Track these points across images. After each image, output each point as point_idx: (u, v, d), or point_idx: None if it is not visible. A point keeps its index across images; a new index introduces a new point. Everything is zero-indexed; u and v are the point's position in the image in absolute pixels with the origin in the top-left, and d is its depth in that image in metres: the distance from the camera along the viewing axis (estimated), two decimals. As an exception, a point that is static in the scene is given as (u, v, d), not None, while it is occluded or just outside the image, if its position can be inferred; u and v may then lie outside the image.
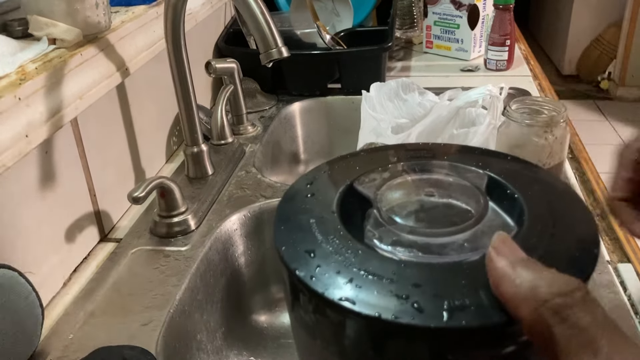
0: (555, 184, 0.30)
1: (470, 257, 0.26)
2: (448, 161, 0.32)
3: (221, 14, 1.21)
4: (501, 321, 0.23)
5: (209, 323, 0.67)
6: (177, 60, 0.74)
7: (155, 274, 0.65)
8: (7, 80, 0.56)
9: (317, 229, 0.28)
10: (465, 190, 0.30)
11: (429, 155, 0.33)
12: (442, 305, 0.23)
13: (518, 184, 0.30)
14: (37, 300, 0.53)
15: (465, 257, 0.26)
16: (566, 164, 0.83)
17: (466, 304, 0.23)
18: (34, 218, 0.61)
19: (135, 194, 0.64)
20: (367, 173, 0.32)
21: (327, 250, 0.26)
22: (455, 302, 0.24)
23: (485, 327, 0.23)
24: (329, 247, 0.27)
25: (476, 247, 0.27)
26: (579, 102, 3.46)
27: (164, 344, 0.56)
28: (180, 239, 0.71)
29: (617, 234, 0.70)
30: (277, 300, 0.80)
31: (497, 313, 0.23)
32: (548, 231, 0.26)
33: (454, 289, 0.24)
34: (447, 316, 0.23)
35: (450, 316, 0.23)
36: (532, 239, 0.26)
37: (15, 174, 0.58)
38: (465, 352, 0.24)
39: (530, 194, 0.29)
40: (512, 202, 0.29)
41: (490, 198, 0.29)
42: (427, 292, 0.24)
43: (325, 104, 1.11)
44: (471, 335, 0.23)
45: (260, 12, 0.64)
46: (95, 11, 0.66)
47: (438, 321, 0.23)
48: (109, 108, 0.76)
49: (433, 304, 0.24)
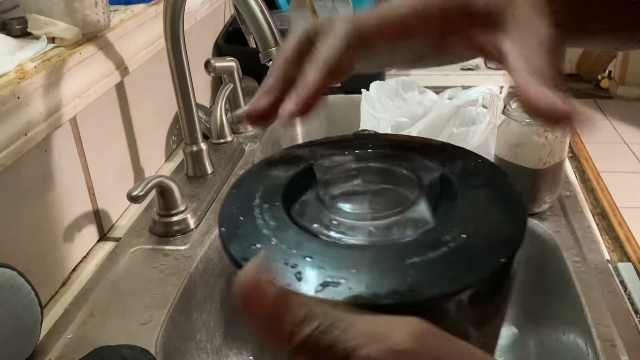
0: (505, 190, 0.29)
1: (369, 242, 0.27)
2: (410, 154, 0.32)
3: (220, 13, 1.21)
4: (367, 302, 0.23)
5: (208, 322, 0.67)
6: (177, 59, 0.74)
7: (155, 273, 0.65)
8: (6, 79, 0.56)
9: (260, 217, 0.28)
10: (405, 182, 0.30)
11: (394, 147, 0.33)
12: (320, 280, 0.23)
13: (463, 186, 0.29)
14: (36, 299, 0.53)
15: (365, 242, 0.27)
16: (566, 162, 0.83)
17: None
18: (33, 217, 0.61)
19: (134, 193, 0.64)
20: (324, 157, 0.32)
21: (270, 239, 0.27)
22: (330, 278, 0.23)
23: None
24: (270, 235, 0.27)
25: (385, 234, 0.27)
26: (579, 101, 3.45)
27: (164, 344, 0.56)
28: (179, 238, 0.71)
29: (617, 233, 0.70)
30: (277, 299, 0.80)
31: (369, 293, 0.23)
32: (463, 232, 0.26)
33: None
34: (319, 289, 0.23)
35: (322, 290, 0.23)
36: (444, 237, 0.25)
37: (15, 172, 0.57)
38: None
39: (470, 195, 0.28)
40: (450, 202, 0.28)
41: (435, 195, 0.29)
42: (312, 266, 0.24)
43: (325, 102, 1.11)
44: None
45: (260, 10, 0.64)
46: (94, 10, 0.66)
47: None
48: (108, 107, 0.76)
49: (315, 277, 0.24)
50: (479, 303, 0.24)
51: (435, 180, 0.30)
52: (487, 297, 0.25)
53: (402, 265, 0.24)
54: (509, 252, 0.24)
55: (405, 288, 0.23)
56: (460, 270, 0.23)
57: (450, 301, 0.23)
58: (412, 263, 0.24)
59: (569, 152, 0.89)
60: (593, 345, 0.54)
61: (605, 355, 0.53)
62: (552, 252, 0.68)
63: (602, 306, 0.58)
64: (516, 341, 0.74)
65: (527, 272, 0.73)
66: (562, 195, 0.76)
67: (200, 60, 0.96)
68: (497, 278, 0.25)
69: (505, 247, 0.24)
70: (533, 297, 0.72)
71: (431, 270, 0.23)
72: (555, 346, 0.66)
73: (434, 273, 0.23)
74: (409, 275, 0.23)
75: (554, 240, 0.68)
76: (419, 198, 0.28)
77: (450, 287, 0.23)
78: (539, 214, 0.72)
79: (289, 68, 0.31)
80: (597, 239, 0.69)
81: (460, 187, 0.29)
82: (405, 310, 0.22)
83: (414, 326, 0.20)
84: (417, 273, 0.23)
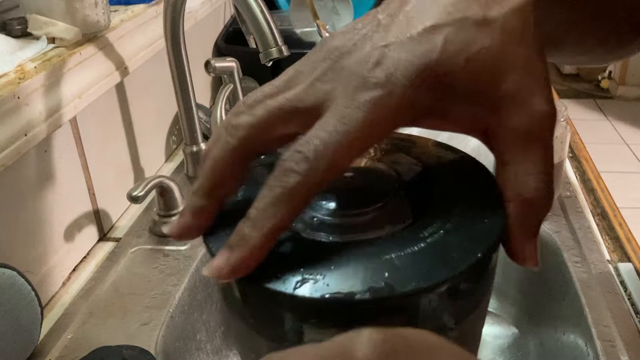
0: (484, 186, 0.29)
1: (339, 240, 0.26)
2: (389, 150, 0.32)
3: (221, 13, 1.21)
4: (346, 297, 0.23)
5: (208, 323, 0.67)
6: (177, 59, 0.74)
7: (155, 274, 0.65)
8: (6, 79, 0.56)
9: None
10: (384, 178, 0.30)
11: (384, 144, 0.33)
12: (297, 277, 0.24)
13: (442, 182, 0.29)
14: (36, 299, 0.53)
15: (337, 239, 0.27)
16: (566, 163, 0.83)
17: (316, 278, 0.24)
18: (33, 217, 0.61)
19: (134, 193, 0.64)
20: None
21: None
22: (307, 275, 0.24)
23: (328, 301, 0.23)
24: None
25: (363, 231, 0.27)
26: (579, 101, 3.46)
27: (164, 344, 0.56)
28: (179, 238, 0.70)
29: (618, 233, 0.70)
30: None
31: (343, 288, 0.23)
32: (441, 228, 0.26)
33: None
34: (296, 286, 0.23)
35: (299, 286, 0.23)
36: (421, 232, 0.26)
37: (15, 173, 0.57)
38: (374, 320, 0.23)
39: (449, 191, 0.29)
40: (429, 198, 0.28)
41: (414, 191, 0.29)
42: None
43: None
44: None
45: (260, 10, 0.64)
46: (94, 10, 0.66)
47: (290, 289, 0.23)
48: (108, 107, 0.76)
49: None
50: (456, 298, 0.24)
51: (415, 176, 0.30)
52: (465, 292, 0.25)
53: (379, 261, 0.24)
54: (486, 247, 0.24)
55: (383, 284, 0.23)
56: (437, 265, 0.24)
57: (427, 296, 0.23)
58: (389, 259, 0.24)
59: (569, 153, 0.89)
60: (593, 345, 0.54)
61: (606, 355, 0.53)
62: (552, 253, 0.68)
63: (602, 306, 0.58)
64: (516, 341, 0.74)
65: (527, 272, 0.73)
66: (562, 196, 0.76)
67: (200, 60, 0.96)
68: (475, 273, 0.25)
69: (483, 242, 0.25)
70: (533, 297, 0.72)
71: (408, 265, 0.24)
72: (555, 346, 0.66)
73: (411, 268, 0.23)
74: (386, 270, 0.23)
75: (554, 241, 0.68)
76: (397, 194, 0.28)
77: (427, 282, 0.23)
78: (539, 214, 0.72)
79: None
80: (597, 239, 0.69)
81: (439, 183, 0.29)
82: (382, 305, 0.23)
83: (369, 336, 0.20)
84: (394, 269, 0.23)
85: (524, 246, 0.25)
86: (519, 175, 0.25)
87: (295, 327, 0.25)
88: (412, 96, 0.23)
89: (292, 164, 0.23)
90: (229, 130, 0.26)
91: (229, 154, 0.26)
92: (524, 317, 0.74)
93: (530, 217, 0.25)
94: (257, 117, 0.25)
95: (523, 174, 0.25)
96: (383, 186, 0.29)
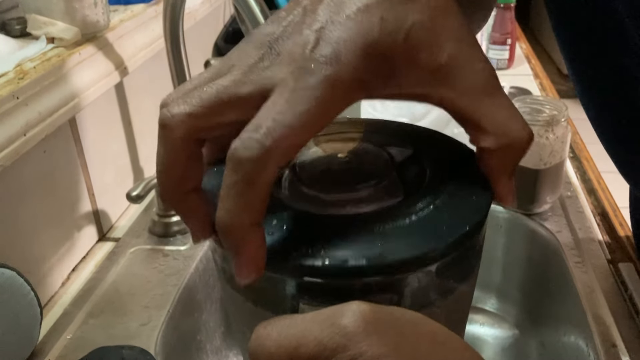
0: (473, 167, 0.30)
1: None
2: (383, 134, 0.34)
3: (220, 13, 1.21)
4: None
5: (208, 323, 0.67)
6: (176, 59, 0.74)
7: (154, 274, 0.65)
8: (5, 79, 0.56)
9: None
10: (377, 159, 0.32)
11: (369, 129, 0.35)
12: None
13: (433, 163, 0.31)
14: (35, 299, 0.52)
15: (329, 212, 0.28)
16: (567, 163, 0.83)
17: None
18: (32, 217, 0.61)
19: (134, 193, 0.64)
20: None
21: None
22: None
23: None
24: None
25: (357, 206, 0.28)
26: (580, 101, 3.45)
27: (163, 344, 0.56)
28: (179, 238, 0.70)
29: (618, 233, 0.70)
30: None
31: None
32: (432, 204, 0.27)
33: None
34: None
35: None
36: (413, 207, 0.27)
37: (14, 173, 0.57)
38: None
39: (439, 171, 0.30)
40: (420, 177, 0.30)
41: (405, 171, 0.31)
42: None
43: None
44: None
45: (260, 10, 0.64)
46: (93, 10, 0.66)
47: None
48: (108, 107, 0.76)
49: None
50: (445, 270, 0.26)
51: (407, 158, 0.32)
52: (453, 264, 0.26)
53: (372, 232, 0.26)
54: (474, 221, 0.26)
55: (375, 253, 0.24)
56: (428, 236, 0.25)
57: (418, 265, 0.25)
58: (382, 230, 0.26)
59: (570, 152, 0.88)
60: (594, 345, 0.54)
61: (606, 355, 0.53)
62: (553, 252, 0.68)
63: (603, 307, 0.58)
64: (517, 342, 0.74)
65: (527, 272, 0.73)
66: (563, 196, 0.76)
67: (200, 60, 0.96)
68: (463, 244, 0.26)
69: (471, 216, 0.27)
70: (534, 298, 0.72)
71: (401, 236, 0.25)
72: (556, 347, 0.66)
73: (402, 239, 0.25)
74: (378, 240, 0.25)
75: (555, 241, 0.68)
76: (390, 174, 0.30)
77: (419, 250, 0.25)
78: (540, 214, 0.72)
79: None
80: (598, 239, 0.68)
81: (429, 164, 0.31)
82: (374, 274, 0.24)
83: (357, 307, 0.21)
84: (386, 239, 0.25)
85: (507, 187, 0.28)
86: (498, 123, 0.26)
87: (294, 298, 0.26)
88: (362, 71, 0.24)
89: (245, 152, 0.23)
90: (165, 122, 0.25)
91: (173, 150, 0.25)
92: (524, 318, 0.74)
93: (512, 158, 0.27)
94: (194, 106, 0.24)
95: (501, 121, 0.26)
96: (376, 167, 0.31)
